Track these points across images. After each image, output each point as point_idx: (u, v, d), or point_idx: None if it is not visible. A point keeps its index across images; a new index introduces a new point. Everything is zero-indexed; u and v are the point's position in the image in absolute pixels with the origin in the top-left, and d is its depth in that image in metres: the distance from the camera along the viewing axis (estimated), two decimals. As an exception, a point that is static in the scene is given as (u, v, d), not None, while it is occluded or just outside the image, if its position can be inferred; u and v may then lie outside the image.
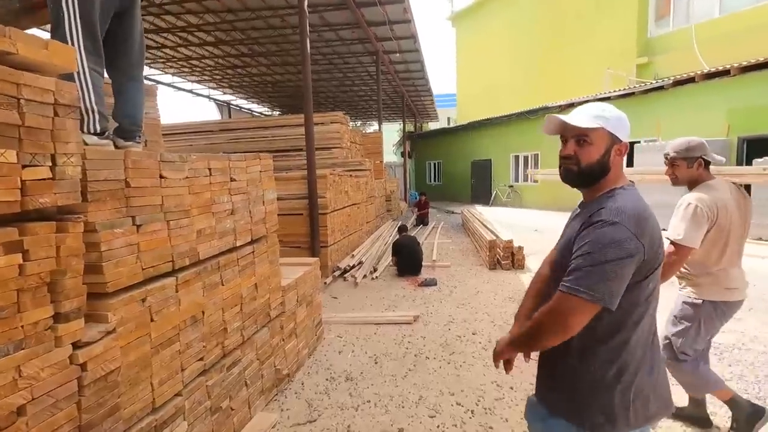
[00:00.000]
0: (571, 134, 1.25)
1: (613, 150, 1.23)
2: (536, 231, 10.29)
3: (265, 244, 2.88)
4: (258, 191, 2.80)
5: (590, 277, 1.08)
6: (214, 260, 2.32)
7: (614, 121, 1.22)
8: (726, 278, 2.18)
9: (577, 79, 15.74)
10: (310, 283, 3.71)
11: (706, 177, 2.24)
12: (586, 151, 1.22)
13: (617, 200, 1.16)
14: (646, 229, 1.12)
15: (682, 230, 2.07)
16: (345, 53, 13.03)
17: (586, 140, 1.22)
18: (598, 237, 1.10)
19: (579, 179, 1.26)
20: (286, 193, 6.38)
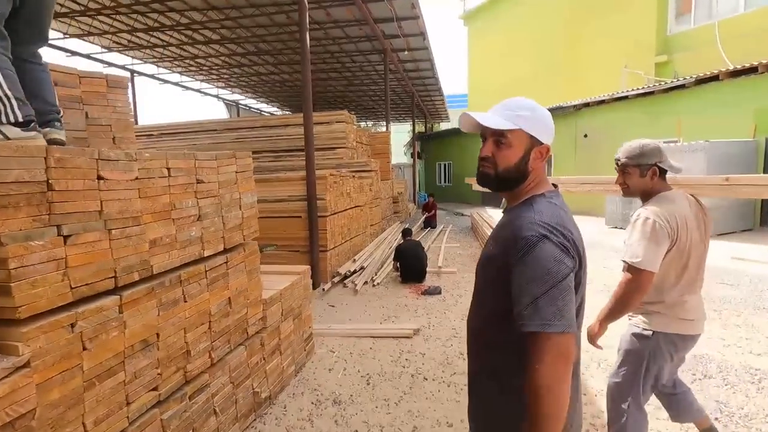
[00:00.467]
0: (489, 133, 1.13)
1: (533, 153, 1.12)
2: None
3: (241, 253, 2.58)
4: (233, 194, 2.50)
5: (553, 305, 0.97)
6: (173, 274, 2.02)
7: (534, 122, 1.10)
8: (682, 307, 1.84)
9: (593, 77, 15.24)
10: (299, 294, 3.40)
11: (661, 187, 1.90)
12: (504, 153, 1.11)
13: (536, 209, 1.07)
14: (570, 237, 1.04)
15: (641, 251, 1.72)
16: (353, 51, 12.75)
17: (503, 142, 1.11)
18: (535, 259, 0.99)
19: (496, 184, 1.15)
20: (285, 194, 6.11)
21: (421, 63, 13.86)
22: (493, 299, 1.11)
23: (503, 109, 1.13)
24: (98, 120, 2.61)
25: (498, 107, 1.15)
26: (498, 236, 1.14)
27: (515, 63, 19.95)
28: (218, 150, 10.28)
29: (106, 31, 10.85)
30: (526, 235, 1.01)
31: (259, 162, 10.14)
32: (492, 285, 1.11)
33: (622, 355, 1.95)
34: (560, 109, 13.93)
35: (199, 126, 10.47)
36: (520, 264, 1.00)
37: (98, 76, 2.61)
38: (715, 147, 8.38)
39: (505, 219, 1.16)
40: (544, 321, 0.95)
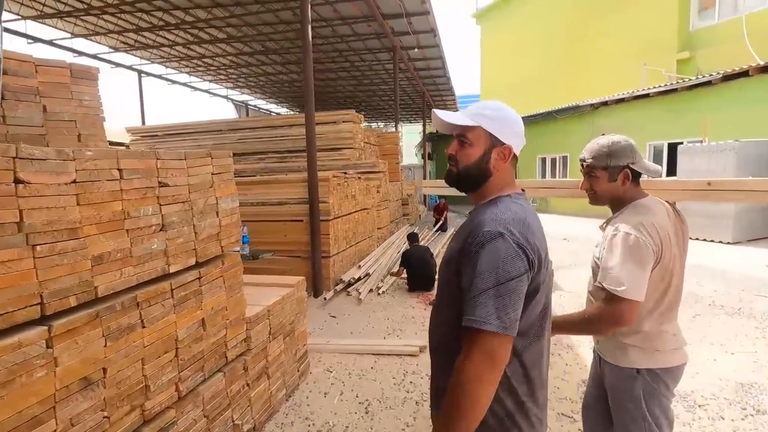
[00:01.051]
0: (455, 133, 1.14)
1: (494, 153, 1.11)
2: (565, 240, 9.39)
3: (219, 267, 2.25)
4: (208, 199, 2.17)
5: (487, 306, 0.93)
6: (127, 295, 1.70)
7: (496, 121, 1.10)
8: (661, 338, 1.51)
9: (611, 75, 14.68)
10: (291, 309, 3.06)
11: (635, 194, 1.56)
12: (465, 152, 1.12)
13: (500, 208, 1.05)
14: (531, 239, 1.00)
15: (624, 276, 1.38)
16: (361, 49, 12.44)
17: (465, 140, 1.11)
18: (487, 254, 0.96)
19: (458, 182, 1.15)
20: (286, 197, 5.80)
21: (432, 61, 13.49)
22: (450, 301, 1.06)
23: (469, 109, 1.13)
24: (59, 115, 2.31)
25: (467, 108, 1.14)
26: (458, 234, 1.11)
27: (527, 62, 19.47)
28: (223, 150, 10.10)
29: (111, 30, 10.71)
30: (483, 230, 0.99)
31: (265, 163, 9.89)
32: (448, 285, 1.07)
33: (614, 406, 1.58)
34: (576, 108, 13.43)
35: (203, 126, 10.24)
36: (473, 258, 0.97)
37: (59, 64, 2.31)
38: (745, 147, 7.85)
39: (468, 218, 1.13)
40: (480, 318, 0.93)
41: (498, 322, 0.91)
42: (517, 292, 0.95)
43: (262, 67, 14.54)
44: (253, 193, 5.91)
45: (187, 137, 10.42)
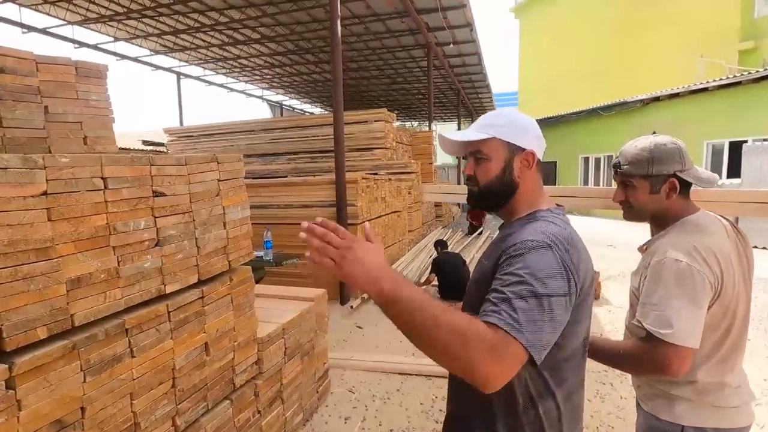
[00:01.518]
0: (468, 152, 1.03)
1: (516, 162, 0.99)
2: (611, 246, 8.73)
3: (226, 284, 2.02)
4: (213, 209, 1.94)
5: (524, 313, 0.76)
6: (112, 322, 1.49)
7: (509, 128, 0.99)
8: (722, 391, 1.18)
9: (663, 68, 13.68)
10: (310, 326, 2.81)
11: (684, 209, 1.24)
12: (483, 168, 1.00)
13: (541, 223, 0.92)
14: (577, 262, 0.86)
15: (674, 316, 1.08)
16: (395, 47, 12.14)
17: (481, 156, 1.00)
18: (530, 263, 0.82)
19: (481, 201, 1.03)
20: (313, 200, 5.60)
21: (468, 57, 12.99)
22: None
23: (477, 123, 1.03)
24: (63, 116, 2.15)
25: (474, 123, 1.04)
26: (491, 253, 0.97)
27: (569, 56, 18.55)
28: (255, 152, 10.10)
29: (150, 33, 10.96)
30: (527, 238, 0.86)
31: (296, 163, 9.81)
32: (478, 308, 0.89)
33: None
34: (623, 104, 12.57)
35: (237, 127, 10.29)
36: (510, 261, 0.84)
37: (63, 61, 2.16)
38: (825, 146, 6.96)
39: (501, 234, 1.01)
40: (514, 321, 0.75)
41: (534, 336, 0.76)
42: (556, 313, 0.80)
43: (296, 66, 14.53)
44: (280, 195, 5.75)
45: (221, 138, 10.51)
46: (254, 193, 5.91)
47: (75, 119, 2.20)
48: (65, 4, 9.36)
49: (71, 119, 2.18)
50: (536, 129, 1.02)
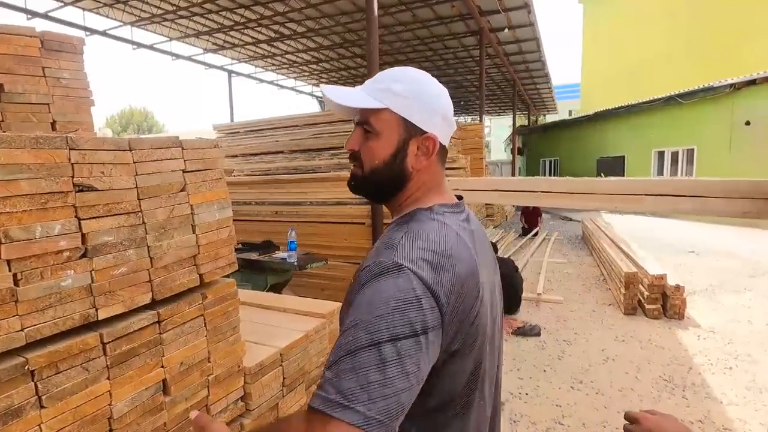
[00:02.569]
0: (357, 119, 0.78)
1: (413, 146, 0.76)
2: (693, 253, 7.51)
3: (196, 303, 1.59)
4: (176, 208, 1.51)
5: (352, 377, 0.56)
6: (5, 363, 1.08)
7: (409, 99, 0.74)
8: None
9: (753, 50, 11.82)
10: (319, 348, 2.34)
11: None
12: (370, 146, 0.76)
13: (408, 228, 0.71)
14: (448, 278, 0.65)
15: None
16: (444, 35, 11.44)
17: (369, 129, 0.76)
18: (365, 299, 0.62)
19: (364, 188, 0.80)
20: (346, 196, 5.16)
21: (525, 44, 11.98)
22: None
23: (372, 82, 0.78)
24: (24, 96, 1.82)
25: (369, 81, 0.79)
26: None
27: (642, 42, 16.80)
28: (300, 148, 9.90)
29: (200, 31, 11.12)
30: (369, 262, 0.67)
31: (339, 159, 9.49)
32: None
33: None
34: (709, 90, 10.96)
35: (281, 122, 10.12)
36: (354, 297, 0.65)
37: (24, 31, 1.82)
38: None
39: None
40: (338, 394, 0.55)
41: (362, 408, 0.54)
42: (405, 363, 0.58)
43: (342, 60, 14.28)
44: (314, 191, 5.38)
45: (266, 133, 10.42)
46: (285, 189, 5.60)
47: (40, 100, 1.87)
48: (122, 5, 9.68)
49: (35, 100, 1.86)
50: (446, 106, 0.79)
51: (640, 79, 16.97)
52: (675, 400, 2.83)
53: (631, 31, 17.52)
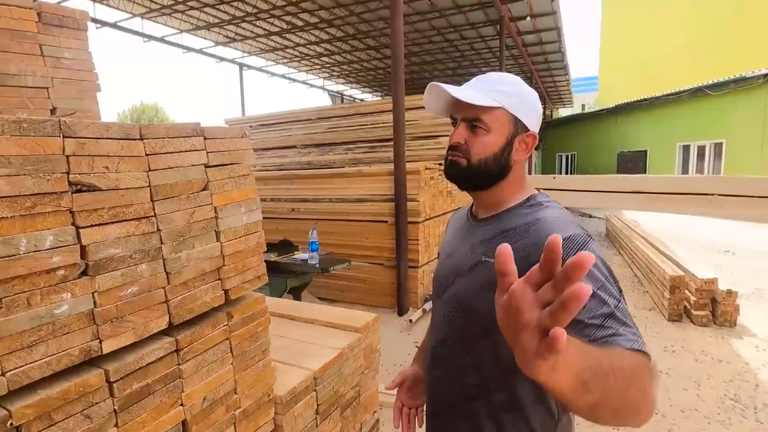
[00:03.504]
0: (462, 115, 0.88)
1: (517, 142, 0.89)
2: (729, 253, 7.12)
3: (221, 325, 1.32)
4: (197, 211, 1.24)
5: (631, 320, 0.71)
6: (-22, 420, 0.82)
7: (520, 100, 0.87)
8: None
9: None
10: (355, 367, 2.07)
11: None
12: (481, 140, 0.87)
13: (555, 211, 0.86)
14: None
15: None
16: (462, 25, 11.06)
17: (481, 125, 0.86)
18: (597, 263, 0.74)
19: (468, 179, 0.91)
20: (368, 193, 4.88)
21: (546, 33, 11.56)
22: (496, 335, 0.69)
23: (479, 83, 0.90)
24: (19, 78, 1.56)
25: (473, 81, 0.91)
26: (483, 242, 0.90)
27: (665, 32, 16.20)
28: (314, 142, 9.66)
29: (211, 23, 10.87)
30: (570, 233, 0.77)
31: (354, 153, 9.19)
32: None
33: None
34: (740, 80, 10.47)
35: (294, 116, 9.88)
36: None
37: (19, 3, 1.56)
38: None
39: (504, 225, 0.88)
40: (637, 336, 0.68)
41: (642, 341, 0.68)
42: None
43: (356, 53, 13.94)
44: (332, 187, 5.10)
45: (278, 127, 10.18)
46: (302, 185, 5.33)
47: (37, 83, 1.61)
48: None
49: (32, 83, 1.60)
50: (540, 107, 0.92)
51: (662, 70, 16.40)
52: (749, 424, 2.51)
53: (652, 21, 16.92)
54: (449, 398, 0.94)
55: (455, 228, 1.07)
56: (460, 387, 0.91)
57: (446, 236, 1.13)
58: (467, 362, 0.89)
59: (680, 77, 14.15)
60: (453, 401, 0.93)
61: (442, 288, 0.98)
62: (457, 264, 0.94)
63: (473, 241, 0.93)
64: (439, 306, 1.01)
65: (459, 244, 0.98)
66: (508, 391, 0.84)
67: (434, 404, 1.00)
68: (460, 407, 0.91)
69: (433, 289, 1.06)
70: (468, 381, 0.89)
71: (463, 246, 0.95)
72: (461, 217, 1.07)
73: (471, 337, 0.88)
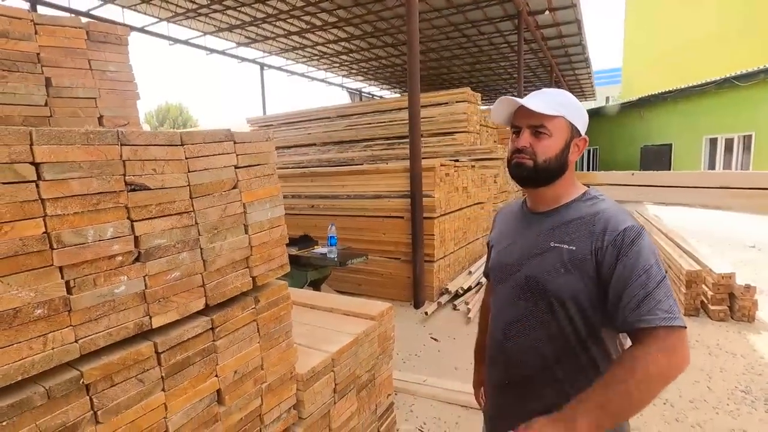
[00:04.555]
0: (527, 123, 1.04)
1: (572, 145, 1.05)
2: (754, 248, 6.97)
3: (249, 308, 1.49)
4: (229, 207, 1.40)
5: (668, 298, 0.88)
6: (59, 377, 1.01)
7: (573, 109, 1.04)
8: None
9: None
10: (370, 352, 2.22)
11: None
12: (544, 144, 1.02)
13: (609, 204, 1.02)
14: None
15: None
16: (480, 20, 11.04)
17: (544, 131, 1.02)
18: (645, 247, 0.92)
19: (533, 177, 1.04)
20: (384, 189, 5.02)
21: (565, 26, 11.41)
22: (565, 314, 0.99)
23: (541, 96, 1.05)
24: (71, 90, 1.76)
25: (535, 94, 1.07)
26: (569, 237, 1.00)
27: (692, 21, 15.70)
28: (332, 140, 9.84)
29: (233, 24, 11.16)
30: (628, 225, 0.95)
31: (372, 150, 9.34)
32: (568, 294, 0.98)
33: None
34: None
35: (314, 114, 10.09)
36: (626, 251, 0.92)
37: (71, 23, 1.76)
38: None
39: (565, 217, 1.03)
40: (669, 313, 0.87)
41: (681, 318, 0.87)
42: None
43: (374, 50, 14.06)
44: (350, 184, 5.26)
45: (298, 125, 10.41)
46: (321, 182, 5.51)
47: (87, 94, 1.81)
48: (158, 1, 9.81)
49: (82, 94, 1.80)
50: (587, 116, 1.07)
51: (688, 61, 15.92)
52: (758, 416, 2.56)
53: (678, 10, 16.42)
54: (526, 369, 1.06)
55: (509, 221, 1.20)
56: (538, 358, 1.03)
57: (499, 229, 1.24)
58: (543, 335, 1.02)
59: (708, 67, 13.72)
60: (530, 372, 1.05)
61: (509, 272, 1.10)
62: (525, 250, 1.07)
63: (539, 230, 1.06)
64: (506, 289, 1.11)
65: (521, 233, 1.11)
66: (583, 354, 0.99)
67: (510, 376, 1.11)
68: (539, 376, 1.04)
69: (494, 275, 1.18)
70: (545, 351, 1.02)
71: (528, 235, 1.08)
72: (514, 211, 1.20)
73: (545, 311, 1.01)
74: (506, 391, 1.13)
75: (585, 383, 0.92)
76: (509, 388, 1.11)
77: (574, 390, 0.93)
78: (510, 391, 1.11)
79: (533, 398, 1.05)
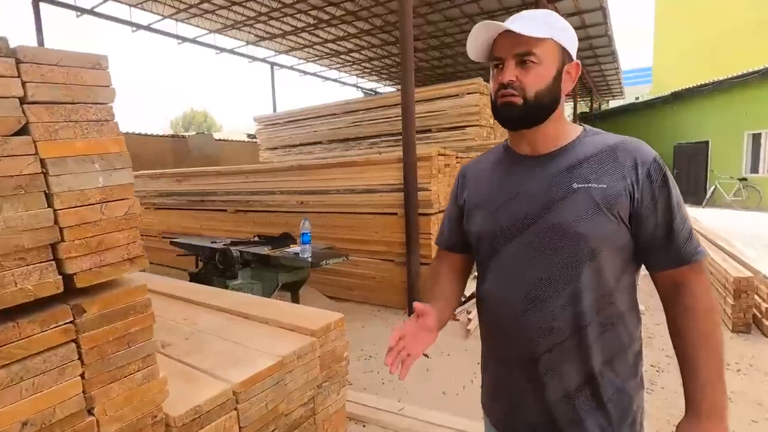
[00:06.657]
0: (511, 52, 0.88)
1: (564, 72, 0.90)
2: (810, 254, 6.04)
3: (63, 321, 0.96)
4: (15, 162, 0.89)
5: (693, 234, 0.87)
6: None
7: (562, 29, 0.89)
8: None
9: None
10: (307, 378, 1.67)
11: None
12: (534, 73, 0.87)
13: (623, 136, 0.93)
14: None
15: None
16: (495, 10, 10.42)
17: (532, 59, 0.87)
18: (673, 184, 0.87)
19: (524, 116, 0.89)
20: (377, 183, 4.48)
21: (588, 15, 10.64)
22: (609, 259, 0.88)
23: (525, 17, 0.89)
24: None
25: (515, 17, 0.90)
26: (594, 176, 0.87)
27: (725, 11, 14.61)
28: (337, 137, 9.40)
29: (239, 21, 10.91)
30: (654, 154, 0.88)
31: (378, 147, 8.84)
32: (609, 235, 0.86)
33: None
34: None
35: (318, 111, 9.70)
36: (667, 187, 0.86)
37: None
38: None
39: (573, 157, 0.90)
40: (701, 248, 0.87)
41: (703, 248, 0.87)
42: None
43: (386, 47, 13.60)
44: (342, 178, 4.74)
45: (304, 123, 10.02)
46: (311, 176, 5.02)
47: None
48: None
49: None
50: (576, 37, 0.94)
51: (723, 52, 14.81)
52: None
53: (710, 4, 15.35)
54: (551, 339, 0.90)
55: (492, 176, 1.00)
56: (568, 321, 0.88)
57: (475, 188, 1.03)
58: (570, 292, 0.88)
59: (745, 59, 12.62)
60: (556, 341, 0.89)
61: (520, 228, 0.92)
62: (538, 198, 0.90)
63: (551, 174, 0.90)
64: (515, 250, 0.93)
65: (524, 182, 0.93)
66: (613, 306, 0.89)
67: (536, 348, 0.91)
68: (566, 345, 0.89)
69: (490, 241, 0.97)
70: (575, 311, 0.88)
71: (536, 182, 0.91)
72: (496, 163, 1.02)
73: (577, 263, 0.87)
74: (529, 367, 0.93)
75: (612, 342, 0.88)
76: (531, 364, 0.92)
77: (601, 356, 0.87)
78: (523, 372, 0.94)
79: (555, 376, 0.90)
